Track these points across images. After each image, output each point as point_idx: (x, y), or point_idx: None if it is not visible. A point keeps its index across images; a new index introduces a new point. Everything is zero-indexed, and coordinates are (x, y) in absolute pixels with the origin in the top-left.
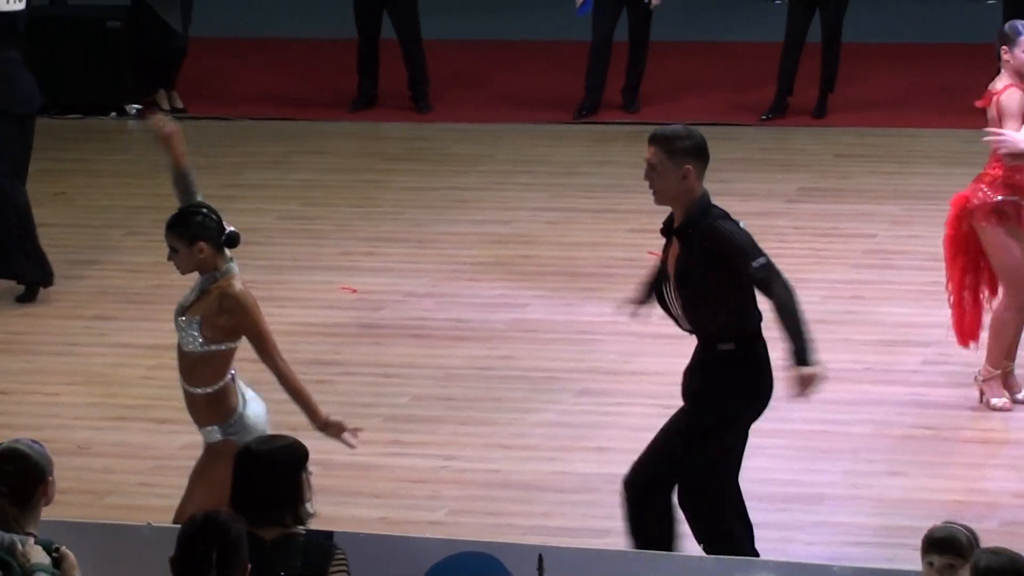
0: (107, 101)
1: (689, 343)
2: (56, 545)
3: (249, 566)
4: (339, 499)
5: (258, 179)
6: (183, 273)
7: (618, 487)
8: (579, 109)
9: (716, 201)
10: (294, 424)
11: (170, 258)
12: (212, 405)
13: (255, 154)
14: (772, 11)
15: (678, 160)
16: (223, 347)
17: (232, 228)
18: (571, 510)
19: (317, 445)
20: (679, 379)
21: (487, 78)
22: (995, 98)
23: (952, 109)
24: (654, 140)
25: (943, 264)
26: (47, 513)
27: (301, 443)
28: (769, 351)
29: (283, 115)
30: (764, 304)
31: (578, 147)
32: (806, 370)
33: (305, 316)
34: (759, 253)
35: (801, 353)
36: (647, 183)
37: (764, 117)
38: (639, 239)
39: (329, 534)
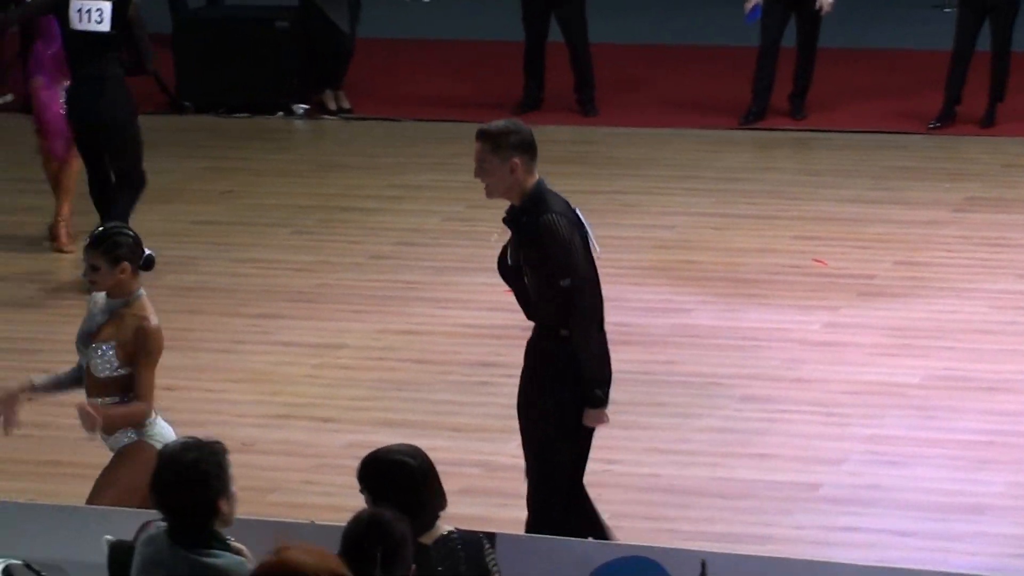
0: (274, 101)
1: (852, 351)
2: (228, 539)
3: (414, 566)
4: (501, 501)
5: (423, 180)
6: (100, 291)
7: (781, 493)
8: (745, 115)
9: (882, 209)
10: (457, 425)
11: (87, 274)
12: (124, 415)
13: (420, 155)
14: (941, 19)
15: (504, 155)
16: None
17: (149, 251)
18: (733, 516)
19: (480, 447)
20: (842, 387)
21: (653, 82)
22: None
23: None
24: (479, 136)
25: None
26: None
27: None
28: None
29: (449, 117)
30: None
31: (743, 153)
32: (592, 412)
33: (468, 318)
34: (574, 270)
35: (589, 389)
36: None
37: (932, 125)
38: (803, 246)
39: (491, 535)
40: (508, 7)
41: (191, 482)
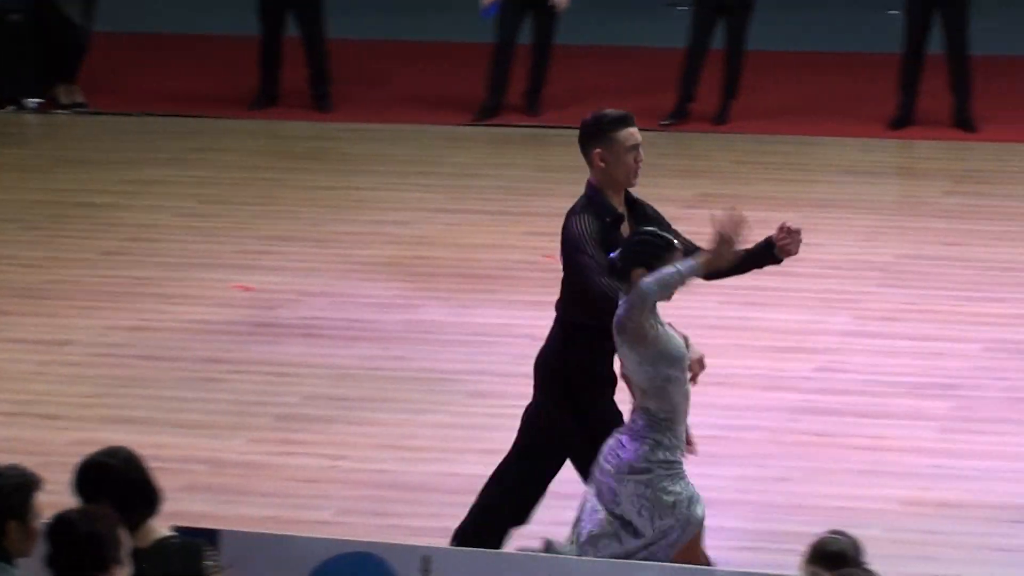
0: (6, 94)
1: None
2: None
3: (126, 569)
4: (228, 498)
5: (156, 175)
6: None
7: None
8: (480, 111)
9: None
10: (184, 422)
11: None
12: None
13: (154, 150)
14: (676, 17)
15: None
16: None
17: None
18: (459, 511)
19: (208, 444)
20: None
21: (389, 78)
22: None
23: (852, 118)
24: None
25: (840, 272)
26: None
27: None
28: None
29: (184, 112)
30: None
31: (477, 149)
32: None
33: (199, 314)
34: None
35: None
36: (640, 163)
37: (664, 123)
38: (535, 241)
39: (215, 532)
40: (244, 1)
41: None
